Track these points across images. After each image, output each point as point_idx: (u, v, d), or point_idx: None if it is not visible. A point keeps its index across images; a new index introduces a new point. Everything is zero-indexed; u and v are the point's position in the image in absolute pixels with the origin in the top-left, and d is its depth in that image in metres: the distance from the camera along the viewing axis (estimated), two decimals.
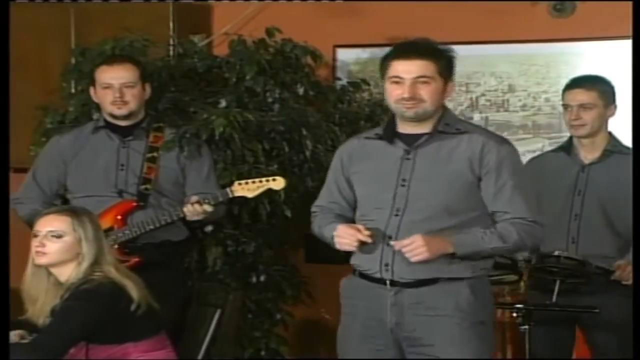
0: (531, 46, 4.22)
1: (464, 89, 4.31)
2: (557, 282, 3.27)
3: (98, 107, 3.66)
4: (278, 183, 3.47)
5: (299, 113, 3.90)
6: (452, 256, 2.73)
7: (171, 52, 4.18)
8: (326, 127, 3.97)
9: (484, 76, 4.28)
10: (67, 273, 2.81)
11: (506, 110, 4.27)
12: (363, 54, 4.44)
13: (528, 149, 3.80)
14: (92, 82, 3.59)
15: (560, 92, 3.49)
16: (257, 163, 3.74)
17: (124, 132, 3.56)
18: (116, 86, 3.48)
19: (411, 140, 2.80)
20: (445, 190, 2.74)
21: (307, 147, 3.85)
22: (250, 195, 3.46)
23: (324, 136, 3.93)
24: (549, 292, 3.30)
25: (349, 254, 2.87)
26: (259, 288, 3.94)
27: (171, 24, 4.30)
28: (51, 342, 2.68)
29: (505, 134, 4.24)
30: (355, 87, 4.24)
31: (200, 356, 3.24)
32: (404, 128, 2.82)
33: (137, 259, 3.39)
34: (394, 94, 2.75)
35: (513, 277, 3.46)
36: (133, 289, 2.79)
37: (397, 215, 2.76)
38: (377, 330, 2.80)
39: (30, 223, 3.51)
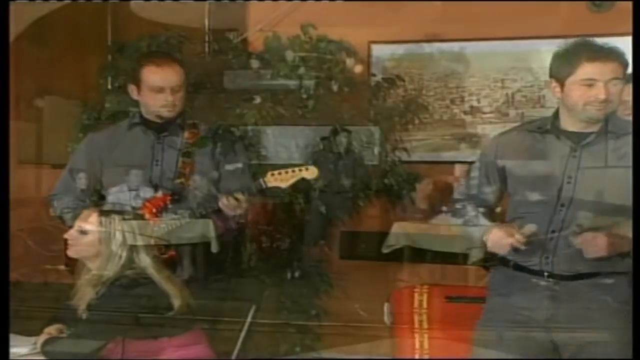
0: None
1: (499, 84, 4.28)
2: None
3: (133, 104, 3.68)
4: (311, 172, 3.45)
5: (333, 109, 3.90)
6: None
7: (206, 49, 4.20)
8: (360, 123, 3.97)
9: (520, 72, 4.25)
10: (96, 267, 2.85)
11: (542, 107, 4.23)
12: (398, 50, 4.43)
13: None
14: (134, 80, 3.58)
15: None
16: (290, 159, 3.75)
17: (159, 128, 3.57)
18: (168, 90, 3.47)
19: (576, 138, 2.80)
20: (609, 189, 2.76)
21: (341, 144, 3.85)
22: (283, 185, 3.45)
23: (358, 133, 3.93)
24: None
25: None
26: (293, 284, 3.95)
27: (206, 21, 4.31)
28: (87, 338, 2.71)
29: None
30: (390, 84, 4.23)
31: (235, 352, 3.26)
32: (570, 125, 2.82)
33: (172, 253, 3.41)
34: (586, 96, 2.75)
35: None
36: (170, 287, 2.80)
37: (561, 210, 2.78)
38: (530, 321, 2.81)
39: (63, 219, 3.56)
